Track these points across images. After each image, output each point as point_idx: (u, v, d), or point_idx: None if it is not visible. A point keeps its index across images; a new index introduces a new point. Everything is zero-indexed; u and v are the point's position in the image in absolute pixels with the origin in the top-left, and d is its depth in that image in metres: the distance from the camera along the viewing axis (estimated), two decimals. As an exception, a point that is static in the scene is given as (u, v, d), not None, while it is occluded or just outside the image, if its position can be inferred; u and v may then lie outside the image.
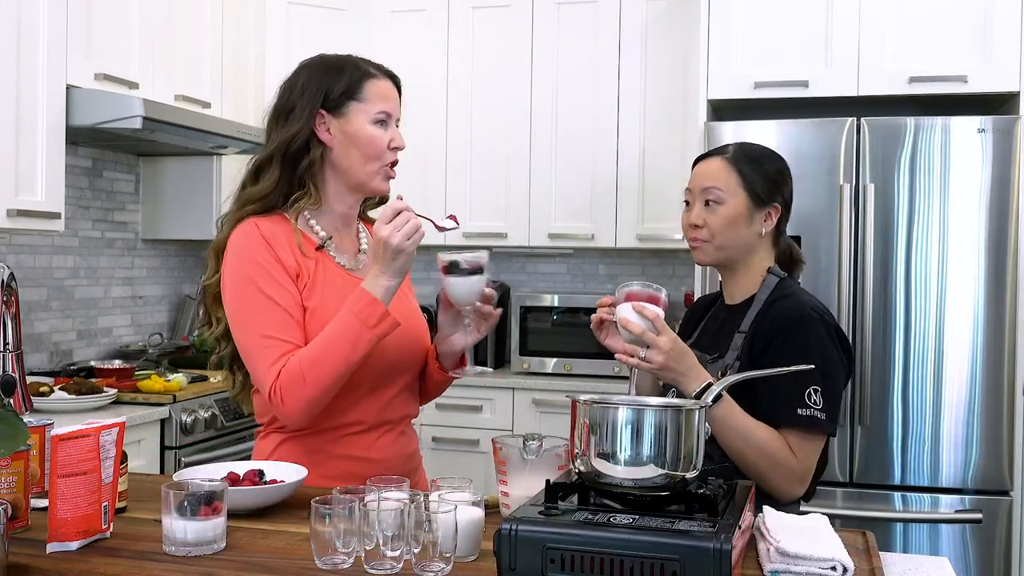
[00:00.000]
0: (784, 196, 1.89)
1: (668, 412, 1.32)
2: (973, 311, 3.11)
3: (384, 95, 1.78)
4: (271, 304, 1.69)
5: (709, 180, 1.86)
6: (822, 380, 1.72)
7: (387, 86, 1.80)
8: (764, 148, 1.93)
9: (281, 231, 1.75)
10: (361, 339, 1.63)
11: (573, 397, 1.39)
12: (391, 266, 1.65)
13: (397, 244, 1.62)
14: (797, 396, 1.71)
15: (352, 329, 1.63)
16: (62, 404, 2.80)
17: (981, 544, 3.09)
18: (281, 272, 1.71)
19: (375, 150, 1.76)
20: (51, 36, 2.91)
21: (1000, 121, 3.10)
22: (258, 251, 1.71)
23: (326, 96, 1.76)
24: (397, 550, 1.30)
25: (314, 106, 1.76)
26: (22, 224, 2.87)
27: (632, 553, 1.18)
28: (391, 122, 1.79)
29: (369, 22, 4.23)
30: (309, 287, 1.73)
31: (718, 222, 1.84)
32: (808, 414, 1.70)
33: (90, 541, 1.43)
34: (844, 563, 1.27)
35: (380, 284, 1.65)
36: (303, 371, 1.64)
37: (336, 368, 1.64)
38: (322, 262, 1.77)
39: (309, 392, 1.64)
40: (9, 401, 1.67)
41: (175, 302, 4.13)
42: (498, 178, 4.15)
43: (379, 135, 1.76)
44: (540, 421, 3.85)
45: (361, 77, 1.77)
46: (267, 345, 1.67)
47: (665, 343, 1.65)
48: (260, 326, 1.68)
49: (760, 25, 3.36)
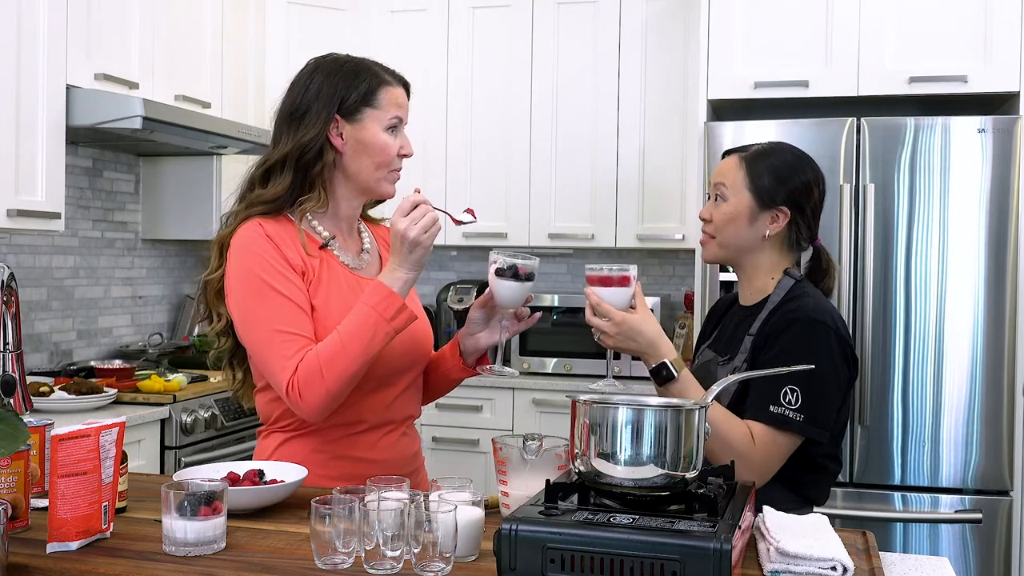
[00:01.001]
0: (797, 201, 1.83)
1: (668, 412, 1.32)
2: (973, 311, 3.11)
3: (398, 102, 1.79)
4: (283, 299, 1.68)
5: (719, 175, 1.88)
6: (807, 382, 1.69)
7: (400, 93, 1.80)
8: (793, 154, 1.87)
9: (285, 231, 1.75)
10: (379, 332, 1.63)
11: (573, 397, 1.39)
12: (408, 259, 1.65)
13: (415, 237, 1.63)
14: (772, 393, 1.70)
15: (370, 322, 1.63)
16: (62, 404, 2.80)
17: (981, 544, 3.09)
18: (289, 269, 1.71)
19: (386, 157, 1.77)
20: (51, 36, 2.91)
21: (1000, 121, 3.11)
22: (265, 249, 1.71)
23: (342, 102, 1.75)
24: (397, 550, 1.30)
25: (330, 112, 1.74)
26: (22, 224, 2.87)
27: (632, 553, 1.18)
28: (401, 128, 1.80)
29: (369, 22, 4.24)
30: (315, 285, 1.73)
31: (720, 218, 1.86)
32: (779, 412, 1.69)
33: (90, 541, 1.43)
34: (844, 563, 1.27)
35: (398, 277, 1.66)
36: (321, 365, 1.63)
37: (355, 361, 1.63)
38: (326, 261, 1.77)
39: (328, 386, 1.63)
40: (9, 401, 1.67)
41: (175, 302, 4.13)
42: (498, 178, 4.15)
43: (391, 143, 1.77)
44: (540, 421, 3.85)
45: (378, 84, 1.77)
46: (281, 340, 1.66)
47: (607, 326, 1.71)
48: (272, 321, 1.67)
49: (760, 25, 3.36)
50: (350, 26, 4.18)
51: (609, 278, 1.72)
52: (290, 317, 1.67)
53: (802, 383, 1.70)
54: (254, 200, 1.77)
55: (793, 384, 1.70)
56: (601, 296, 1.72)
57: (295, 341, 1.66)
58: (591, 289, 1.73)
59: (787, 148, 1.90)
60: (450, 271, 4.52)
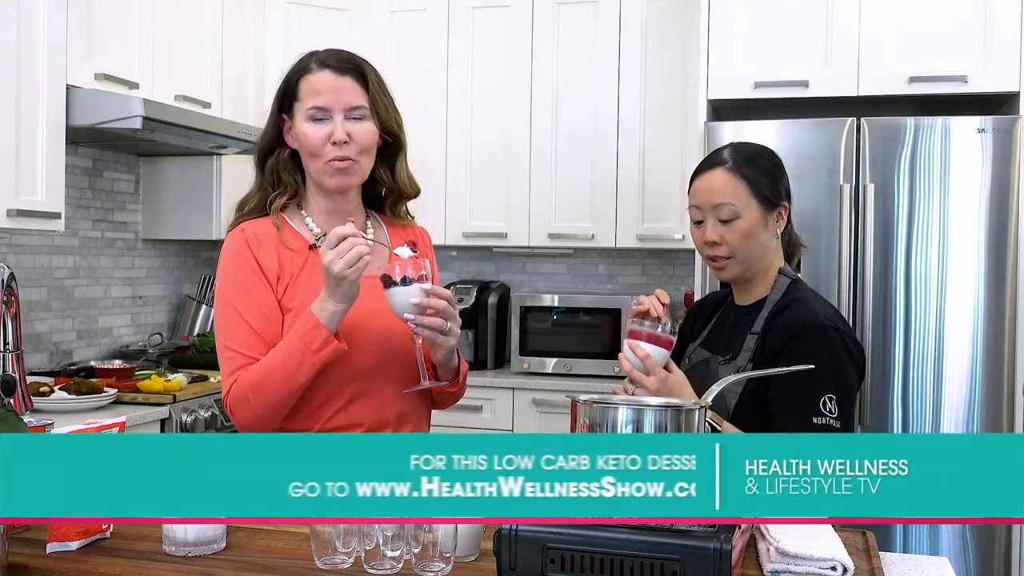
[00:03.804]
0: (787, 189, 1.86)
1: (668, 412, 1.32)
2: (973, 311, 3.11)
3: (316, 89, 1.71)
4: (236, 317, 1.71)
5: (719, 196, 1.81)
6: (837, 389, 1.70)
7: (322, 77, 1.71)
8: (756, 145, 1.90)
9: (266, 231, 1.76)
10: (304, 363, 1.63)
11: (573, 397, 1.38)
12: (336, 292, 1.61)
13: (339, 272, 1.58)
14: (812, 404, 1.69)
15: (296, 352, 1.63)
16: (62, 404, 2.80)
17: (981, 544, 3.09)
18: (256, 280, 1.72)
19: (310, 148, 1.72)
20: (51, 36, 2.91)
21: (1000, 121, 3.11)
22: (236, 261, 1.74)
23: (281, 100, 1.77)
24: (397, 550, 1.30)
25: (277, 111, 1.78)
26: (22, 224, 2.87)
27: (632, 553, 1.18)
28: (332, 115, 1.70)
29: (369, 22, 4.23)
30: (292, 287, 1.73)
31: (737, 237, 1.80)
32: (823, 423, 1.69)
33: (90, 541, 1.43)
34: (844, 563, 1.27)
35: (326, 309, 1.63)
36: (247, 391, 1.66)
37: (279, 389, 1.64)
38: (311, 260, 1.75)
39: (254, 411, 1.66)
40: (9, 401, 1.67)
41: (175, 302, 4.13)
42: (498, 178, 4.15)
43: (310, 132, 1.70)
44: (540, 421, 3.85)
45: (297, 75, 1.75)
46: (227, 357, 1.71)
47: (652, 383, 1.67)
48: (224, 336, 1.73)
49: (760, 25, 3.36)
50: (350, 26, 4.18)
51: (659, 337, 1.71)
52: (240, 336, 1.70)
53: (836, 390, 1.70)
54: (237, 206, 1.83)
55: (829, 392, 1.69)
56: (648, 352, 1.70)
57: (236, 360, 1.70)
58: (640, 343, 1.70)
59: (747, 144, 1.92)
60: (450, 271, 4.52)
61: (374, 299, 1.69)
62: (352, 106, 1.71)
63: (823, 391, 1.69)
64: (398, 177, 1.84)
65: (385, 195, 1.88)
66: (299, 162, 1.79)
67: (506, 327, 4.18)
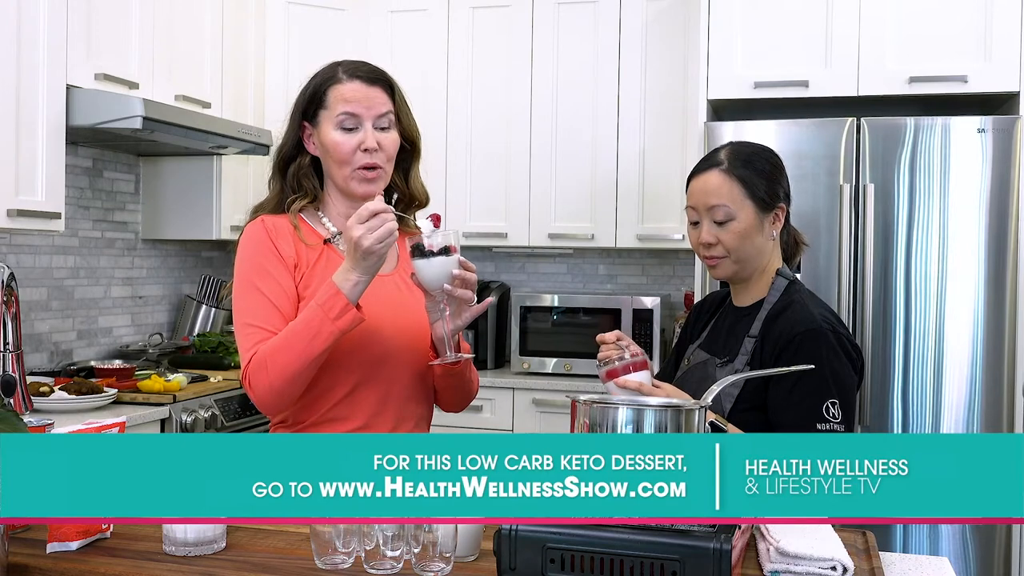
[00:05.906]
0: (785, 190, 1.86)
1: (668, 412, 1.32)
2: (973, 311, 3.11)
3: (346, 97, 1.76)
4: (257, 294, 1.73)
5: (714, 197, 1.81)
6: (838, 393, 1.70)
7: (353, 87, 1.76)
8: (754, 145, 1.90)
9: (283, 225, 1.80)
10: (322, 331, 1.63)
11: (573, 397, 1.39)
12: (361, 264, 1.62)
13: (368, 246, 1.59)
14: (815, 411, 1.69)
15: (315, 320, 1.63)
16: (62, 404, 2.80)
17: (981, 544, 3.09)
18: (276, 263, 1.75)
19: (340, 155, 1.76)
20: (51, 36, 2.91)
21: (1000, 121, 3.11)
22: (257, 246, 1.77)
23: (304, 108, 1.80)
24: (397, 550, 1.30)
25: (297, 119, 1.81)
26: (22, 224, 2.87)
27: (632, 553, 1.18)
28: (362, 123, 1.75)
29: (369, 22, 4.24)
30: (307, 277, 1.76)
31: (732, 239, 1.81)
32: (828, 428, 1.69)
33: (90, 541, 1.43)
34: (844, 563, 1.27)
35: (349, 279, 1.63)
36: (265, 357, 1.66)
37: (297, 358, 1.64)
38: (326, 254, 1.79)
39: (271, 379, 1.66)
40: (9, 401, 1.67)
41: (175, 302, 4.13)
42: (498, 178, 4.15)
43: (342, 140, 1.75)
44: (540, 421, 3.85)
45: (325, 83, 1.79)
46: (247, 333, 1.72)
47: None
48: (246, 315, 1.73)
49: (760, 25, 3.36)
50: (350, 26, 4.18)
51: (634, 363, 1.72)
52: (261, 312, 1.72)
53: (838, 395, 1.70)
54: (256, 208, 1.87)
55: (832, 397, 1.70)
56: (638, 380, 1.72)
57: (256, 334, 1.70)
58: (625, 379, 1.71)
59: (746, 144, 1.91)
60: (450, 271, 4.52)
61: (380, 291, 1.73)
62: (380, 114, 1.77)
63: (825, 396, 1.69)
64: (412, 183, 1.89)
65: (396, 201, 1.89)
66: (317, 168, 1.84)
67: (506, 327, 4.18)
